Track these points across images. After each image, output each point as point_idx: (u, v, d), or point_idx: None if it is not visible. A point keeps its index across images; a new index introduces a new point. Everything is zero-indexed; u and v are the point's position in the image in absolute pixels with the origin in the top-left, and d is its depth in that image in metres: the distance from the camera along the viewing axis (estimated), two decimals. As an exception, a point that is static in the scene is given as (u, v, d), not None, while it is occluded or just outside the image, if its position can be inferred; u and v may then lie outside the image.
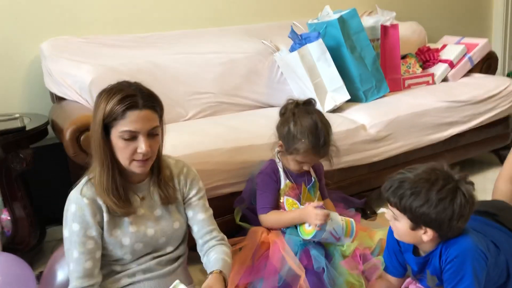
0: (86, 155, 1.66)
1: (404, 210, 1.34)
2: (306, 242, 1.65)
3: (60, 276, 1.51)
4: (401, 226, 1.38)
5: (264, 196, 1.70)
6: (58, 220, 2.22)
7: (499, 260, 1.49)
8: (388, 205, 1.40)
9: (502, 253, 1.50)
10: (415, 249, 1.52)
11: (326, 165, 1.84)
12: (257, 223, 1.72)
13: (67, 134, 1.65)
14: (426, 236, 1.37)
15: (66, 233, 1.31)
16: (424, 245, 1.44)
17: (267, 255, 1.61)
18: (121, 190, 1.31)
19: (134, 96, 1.25)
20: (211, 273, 1.34)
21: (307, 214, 1.59)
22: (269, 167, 1.73)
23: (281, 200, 1.73)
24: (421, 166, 1.39)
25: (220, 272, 1.33)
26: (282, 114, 1.71)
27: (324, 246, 1.67)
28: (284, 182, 1.72)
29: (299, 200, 1.72)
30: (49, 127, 2.05)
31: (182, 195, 1.45)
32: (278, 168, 1.73)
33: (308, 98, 1.73)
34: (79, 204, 1.29)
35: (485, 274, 1.40)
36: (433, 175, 1.32)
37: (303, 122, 1.62)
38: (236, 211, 1.81)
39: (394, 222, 1.41)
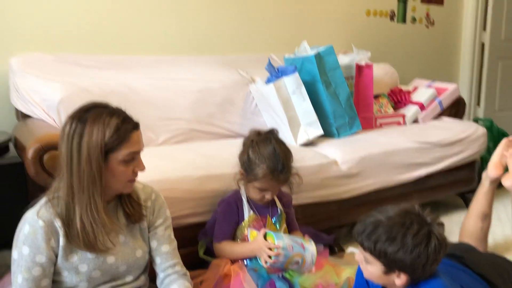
0: (48, 176, 1.58)
1: (378, 255, 1.30)
2: (271, 273, 1.62)
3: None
4: (373, 270, 1.34)
5: (222, 225, 1.70)
6: (10, 244, 2.11)
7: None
8: (360, 247, 1.36)
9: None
10: (384, 289, 1.49)
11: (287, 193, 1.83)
12: None
13: (30, 152, 1.57)
14: (399, 280, 1.33)
15: (15, 254, 1.22)
16: (394, 287, 1.42)
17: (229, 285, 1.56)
18: (109, 220, 1.24)
19: (128, 118, 1.25)
20: None
21: (257, 249, 1.60)
22: (232, 197, 1.73)
23: (245, 233, 1.70)
24: (393, 208, 1.35)
25: None
26: (244, 144, 1.75)
27: (288, 280, 1.62)
28: (247, 213, 1.71)
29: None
30: (11, 145, 1.96)
31: (148, 222, 1.39)
32: (241, 198, 1.72)
33: (270, 128, 1.78)
34: (33, 226, 1.21)
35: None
36: (407, 219, 1.29)
37: (261, 148, 1.66)
38: (200, 244, 1.76)
39: (365, 265, 1.37)
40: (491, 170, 1.91)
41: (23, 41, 2.23)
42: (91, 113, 1.21)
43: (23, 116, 2.10)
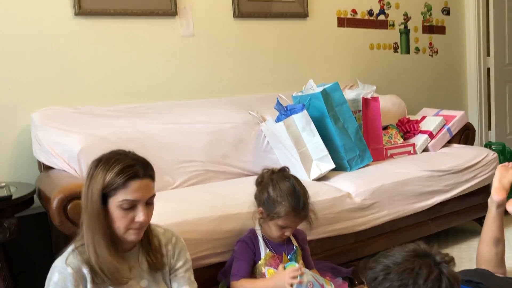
0: (72, 225, 1.64)
1: None
2: None
3: None
4: None
5: (239, 263, 1.71)
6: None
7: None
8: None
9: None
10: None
11: (307, 229, 1.85)
12: None
13: (55, 203, 1.64)
14: None
15: None
16: None
17: None
18: (114, 261, 1.29)
19: (134, 166, 1.28)
20: None
21: (280, 278, 1.60)
22: (247, 236, 1.76)
23: (263, 271, 1.72)
24: (400, 251, 1.31)
25: None
26: (260, 182, 1.78)
27: None
28: (264, 252, 1.73)
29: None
30: (35, 196, 2.04)
31: (169, 265, 1.43)
32: (257, 237, 1.75)
33: (282, 166, 1.85)
34: (62, 274, 1.26)
35: None
36: (416, 264, 1.26)
37: (281, 186, 1.70)
38: (221, 285, 1.78)
39: None
40: (495, 195, 1.95)
41: (42, 96, 2.34)
42: (105, 158, 1.30)
43: (45, 168, 2.18)
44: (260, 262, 1.74)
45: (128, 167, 1.27)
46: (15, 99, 2.29)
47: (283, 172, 1.79)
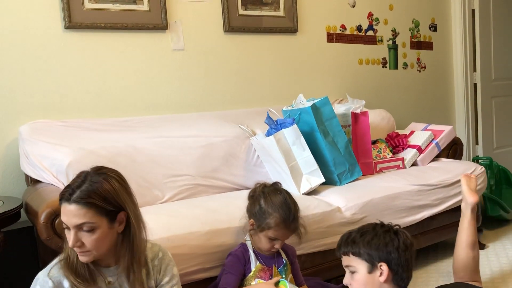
0: (60, 239, 1.62)
1: (358, 252, 1.54)
2: None
3: None
4: (359, 276, 1.55)
5: (227, 276, 1.72)
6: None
7: None
8: (344, 260, 1.60)
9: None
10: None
11: (297, 243, 1.91)
12: None
13: (42, 217, 1.62)
14: (383, 276, 1.53)
15: None
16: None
17: None
18: (86, 270, 1.31)
19: (69, 187, 1.29)
20: None
21: None
22: (239, 249, 1.78)
23: (252, 283, 1.72)
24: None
25: None
26: (251, 196, 1.83)
27: None
28: (254, 264, 1.75)
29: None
30: (22, 210, 2.01)
31: (155, 281, 1.41)
32: (248, 250, 1.77)
33: (274, 181, 1.90)
34: (43, 287, 1.27)
35: None
36: (376, 226, 1.63)
37: (273, 198, 1.75)
38: None
39: (351, 277, 1.57)
40: (469, 198, 2.08)
41: (31, 109, 2.33)
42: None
43: (33, 181, 2.16)
44: (250, 274, 1.74)
45: (65, 188, 1.30)
46: (3, 111, 2.27)
47: (275, 186, 1.84)
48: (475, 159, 3.31)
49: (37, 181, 2.13)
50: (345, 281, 1.61)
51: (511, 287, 2.26)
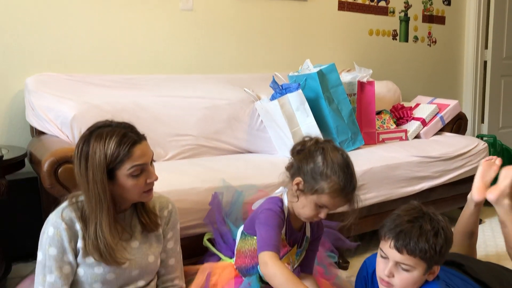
0: (62, 188, 1.65)
1: (424, 256, 1.32)
2: None
3: (24, 310, 1.47)
4: (412, 276, 1.34)
5: (270, 233, 1.40)
6: (25, 257, 2.17)
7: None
8: (395, 257, 1.35)
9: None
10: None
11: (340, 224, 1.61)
12: (223, 250, 1.66)
13: (46, 165, 1.65)
14: (432, 276, 1.39)
15: (40, 256, 1.29)
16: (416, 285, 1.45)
17: None
18: (112, 243, 1.29)
19: (128, 134, 1.29)
20: None
21: None
22: (278, 208, 1.45)
23: None
24: (405, 210, 1.42)
25: None
26: (300, 150, 1.47)
27: None
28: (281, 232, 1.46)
29: (280, 257, 1.45)
30: (27, 160, 2.05)
31: (162, 230, 1.45)
32: (284, 212, 1.47)
33: (327, 138, 1.53)
34: (57, 228, 1.28)
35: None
36: (425, 214, 1.38)
37: (333, 157, 1.39)
38: (206, 236, 1.76)
39: (397, 271, 1.35)
40: (475, 194, 1.91)
41: (38, 62, 2.33)
42: (94, 135, 1.27)
43: (37, 133, 2.18)
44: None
45: (124, 136, 1.28)
46: (9, 63, 2.28)
47: (333, 143, 1.47)
48: (479, 136, 3.30)
49: (42, 133, 2.15)
50: (386, 272, 1.35)
51: (504, 261, 2.29)
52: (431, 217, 1.36)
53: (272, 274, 1.34)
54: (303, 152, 1.45)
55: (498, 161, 1.99)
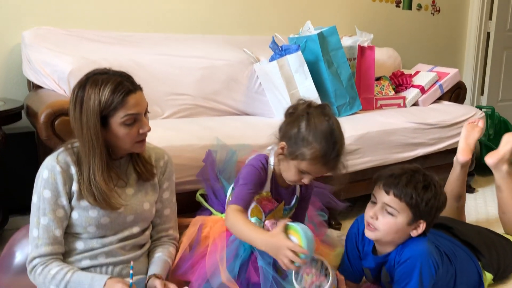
0: (59, 140, 1.66)
1: (410, 202, 1.38)
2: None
3: (19, 257, 1.48)
4: (395, 222, 1.41)
5: (243, 190, 1.44)
6: (22, 210, 2.20)
7: (450, 271, 1.56)
8: (384, 199, 1.42)
9: (453, 266, 1.57)
10: (374, 250, 1.57)
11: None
12: (215, 205, 1.69)
13: (42, 117, 1.65)
14: (416, 231, 1.44)
15: (34, 198, 1.31)
16: (384, 247, 1.50)
17: (205, 253, 1.49)
18: (107, 188, 1.30)
19: (123, 82, 1.29)
20: (154, 275, 1.37)
21: (275, 248, 1.30)
22: (259, 163, 1.48)
23: (250, 206, 1.51)
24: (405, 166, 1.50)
25: (160, 277, 1.36)
26: (291, 113, 1.46)
27: None
28: (265, 189, 1.51)
29: (267, 213, 1.54)
30: (23, 113, 2.05)
31: (157, 179, 1.47)
32: (267, 169, 1.49)
33: (323, 102, 1.50)
34: (52, 171, 1.30)
35: (433, 282, 1.46)
36: (421, 171, 1.46)
37: (318, 124, 1.37)
38: (199, 192, 1.78)
39: (382, 214, 1.42)
40: (460, 156, 2.00)
41: (35, 15, 2.30)
42: (90, 81, 1.28)
43: (34, 87, 2.18)
44: (258, 194, 1.51)
45: (120, 84, 1.28)
46: (7, 15, 2.25)
47: (323, 109, 1.43)
48: (477, 108, 3.30)
49: (39, 87, 2.14)
50: (371, 213, 1.43)
51: (493, 228, 2.33)
52: (425, 173, 1.43)
53: (231, 224, 1.41)
54: (293, 115, 1.44)
55: (480, 123, 2.09)
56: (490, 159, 1.93)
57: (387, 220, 1.42)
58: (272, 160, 1.50)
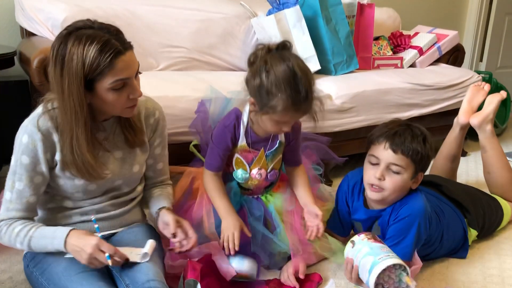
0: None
1: (415, 158, 1.42)
2: (246, 199, 1.57)
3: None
4: (401, 179, 1.44)
5: (214, 153, 1.48)
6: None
7: (439, 227, 1.60)
8: (389, 158, 1.43)
9: (441, 222, 1.60)
10: (365, 203, 1.60)
11: (308, 124, 1.54)
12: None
13: (35, 62, 1.64)
14: (415, 184, 1.48)
15: (12, 160, 1.22)
16: (381, 204, 1.52)
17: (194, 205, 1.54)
18: (91, 158, 1.20)
19: (111, 41, 1.11)
20: (163, 207, 1.37)
21: (226, 226, 1.43)
22: (230, 119, 1.48)
23: (233, 157, 1.54)
24: (391, 122, 1.55)
25: (171, 210, 1.37)
26: (252, 63, 1.38)
27: (263, 203, 1.58)
28: (240, 142, 1.50)
29: (250, 163, 1.54)
30: (16, 60, 2.02)
31: (147, 137, 1.40)
32: (240, 124, 1.48)
33: (282, 40, 1.38)
34: (32, 138, 1.19)
35: (425, 237, 1.49)
36: (414, 125, 1.50)
37: (277, 72, 1.29)
38: (192, 144, 1.77)
39: (388, 174, 1.44)
40: (461, 117, 2.00)
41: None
42: (72, 37, 1.11)
43: (27, 34, 2.14)
44: (236, 147, 1.53)
45: (107, 43, 1.10)
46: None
47: (281, 52, 1.34)
48: (476, 72, 3.28)
49: (32, 34, 2.11)
50: (377, 174, 1.43)
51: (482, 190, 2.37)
52: (417, 126, 1.48)
53: (205, 189, 1.52)
54: (254, 65, 1.36)
55: (486, 87, 2.04)
56: (474, 119, 1.95)
57: (394, 179, 1.44)
58: (246, 117, 1.47)
